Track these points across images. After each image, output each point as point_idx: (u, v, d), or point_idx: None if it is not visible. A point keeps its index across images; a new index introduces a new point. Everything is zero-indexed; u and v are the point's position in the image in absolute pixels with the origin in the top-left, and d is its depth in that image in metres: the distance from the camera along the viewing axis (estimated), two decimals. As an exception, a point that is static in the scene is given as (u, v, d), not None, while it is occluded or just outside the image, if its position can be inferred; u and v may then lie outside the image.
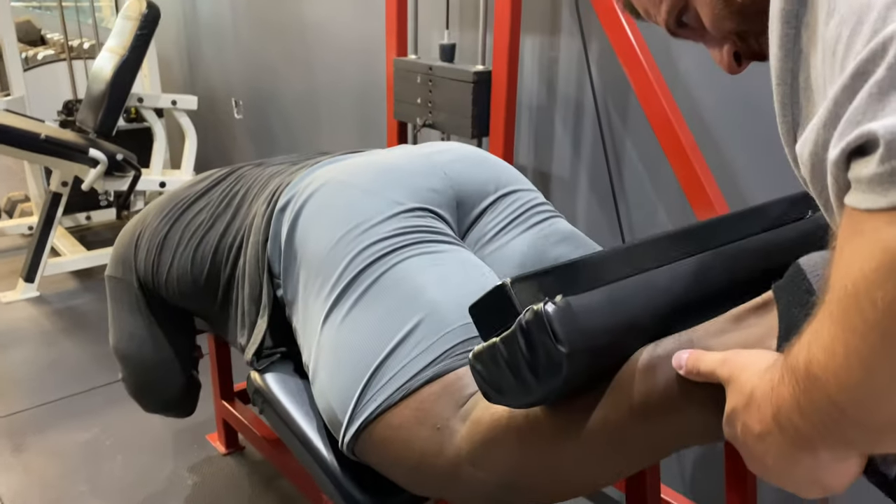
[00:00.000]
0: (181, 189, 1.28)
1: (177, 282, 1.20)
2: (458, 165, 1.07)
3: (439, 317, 0.86)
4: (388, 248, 0.91)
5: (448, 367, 0.84)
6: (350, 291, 0.90)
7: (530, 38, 1.83)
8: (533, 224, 1.07)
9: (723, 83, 1.45)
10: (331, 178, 1.01)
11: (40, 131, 2.56)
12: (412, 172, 1.02)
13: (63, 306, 2.79)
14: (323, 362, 0.91)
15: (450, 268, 0.92)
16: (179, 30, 3.78)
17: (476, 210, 1.06)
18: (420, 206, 0.98)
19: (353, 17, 2.48)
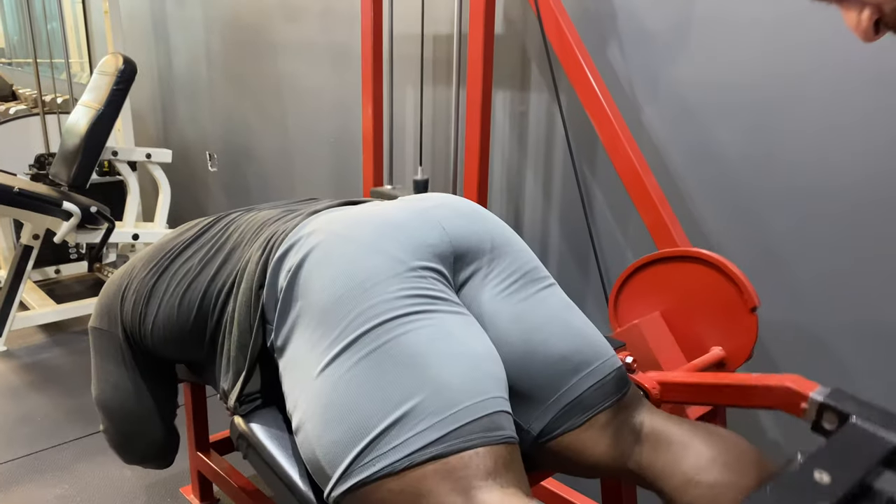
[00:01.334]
0: (168, 239, 1.29)
1: (163, 329, 1.20)
2: (455, 220, 1.08)
3: (447, 395, 0.86)
4: (394, 312, 0.91)
5: (453, 449, 0.84)
6: (352, 350, 0.89)
7: (501, 92, 1.91)
8: (527, 296, 1.07)
9: (684, 133, 1.54)
10: (332, 230, 1.01)
11: (13, 184, 2.56)
12: (411, 227, 1.02)
13: (31, 360, 2.74)
14: (312, 413, 0.91)
15: (458, 342, 0.92)
16: (154, 84, 3.82)
17: (472, 266, 1.07)
18: (421, 264, 0.98)
19: (327, 73, 2.55)
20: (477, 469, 0.85)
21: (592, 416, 1.02)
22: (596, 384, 1.03)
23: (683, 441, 0.99)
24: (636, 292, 1.44)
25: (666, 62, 1.53)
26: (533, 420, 1.04)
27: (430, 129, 2.16)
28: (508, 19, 1.85)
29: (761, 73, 1.39)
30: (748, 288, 1.28)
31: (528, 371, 1.03)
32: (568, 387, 1.03)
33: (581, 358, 1.04)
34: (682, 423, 1.03)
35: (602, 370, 1.05)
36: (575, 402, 1.03)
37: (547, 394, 1.03)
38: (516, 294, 1.07)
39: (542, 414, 1.03)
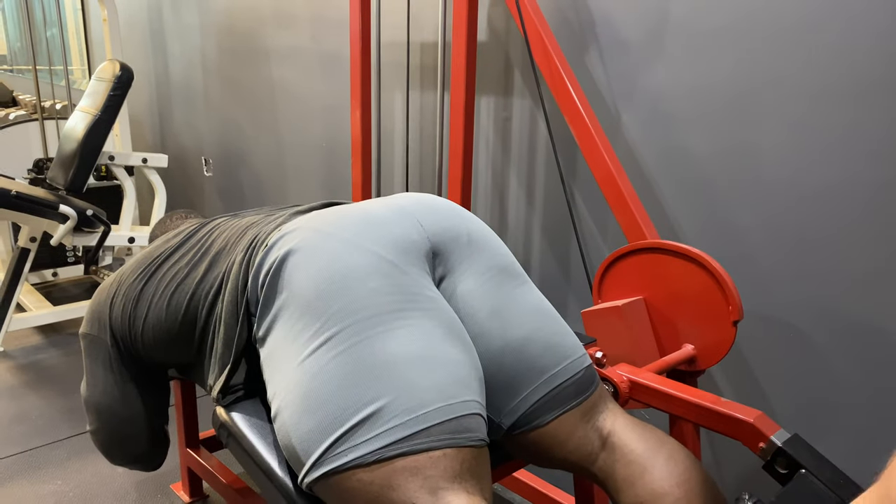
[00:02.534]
0: (156, 246, 1.33)
1: (152, 331, 1.24)
2: (432, 217, 1.12)
3: (419, 396, 0.90)
4: (374, 309, 0.95)
5: (421, 447, 0.88)
6: (332, 343, 0.93)
7: (485, 98, 1.95)
8: (504, 291, 1.10)
9: (658, 137, 1.58)
10: (314, 227, 1.04)
11: (11, 188, 2.61)
12: (390, 224, 1.06)
13: (27, 361, 2.79)
14: (290, 401, 0.94)
15: (434, 345, 0.95)
16: (151, 90, 3.88)
17: (450, 261, 1.10)
18: (401, 259, 1.02)
19: (318, 79, 2.61)
20: (444, 470, 0.89)
21: (560, 414, 1.06)
22: (565, 382, 1.07)
23: (642, 463, 1.02)
24: (625, 273, 1.48)
25: (642, 69, 1.58)
26: (504, 415, 1.08)
27: (416, 133, 2.21)
28: (492, 28, 1.90)
29: (732, 78, 1.44)
30: (736, 301, 1.31)
31: (502, 366, 1.07)
32: (538, 384, 1.07)
33: (552, 356, 1.08)
34: (646, 436, 1.06)
35: (571, 369, 1.09)
36: (544, 400, 1.07)
37: (518, 390, 1.07)
38: (494, 289, 1.11)
39: (513, 409, 1.07)
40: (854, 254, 1.34)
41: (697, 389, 1.21)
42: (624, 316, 1.41)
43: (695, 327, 1.39)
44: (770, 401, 1.51)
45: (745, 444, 1.11)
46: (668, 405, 1.20)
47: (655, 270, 1.43)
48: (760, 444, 1.08)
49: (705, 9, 1.45)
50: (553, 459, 1.10)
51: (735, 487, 1.59)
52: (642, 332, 1.43)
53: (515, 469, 1.32)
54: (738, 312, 1.32)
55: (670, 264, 1.40)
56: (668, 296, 1.42)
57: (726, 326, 1.34)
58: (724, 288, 1.32)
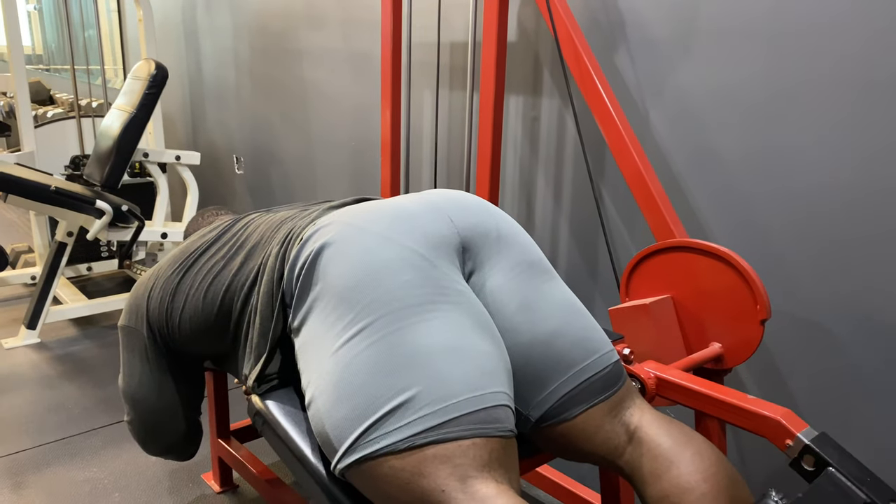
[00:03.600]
0: (191, 241, 1.38)
1: (189, 323, 1.28)
2: (463, 213, 1.14)
3: (448, 387, 0.93)
4: (407, 301, 0.98)
5: (451, 436, 0.91)
6: (365, 333, 0.96)
7: (514, 98, 1.97)
8: (533, 285, 1.12)
9: (687, 136, 1.59)
10: (349, 222, 1.07)
11: (51, 183, 2.68)
12: (422, 219, 1.09)
13: (63, 352, 2.86)
14: (324, 389, 0.97)
15: (464, 337, 0.98)
16: (185, 89, 3.95)
17: (480, 256, 1.12)
18: (433, 253, 1.04)
19: (348, 79, 2.64)
20: (473, 459, 0.91)
21: (587, 408, 1.08)
22: (593, 377, 1.09)
23: (670, 457, 1.03)
24: (653, 272, 1.49)
25: (671, 68, 1.59)
26: (532, 407, 1.10)
27: (445, 133, 2.23)
28: (522, 27, 1.91)
29: (763, 78, 1.45)
30: (763, 300, 1.32)
31: (531, 360, 1.09)
32: (566, 377, 1.08)
33: (581, 351, 1.10)
34: (673, 432, 1.07)
35: (599, 364, 1.10)
36: (572, 393, 1.08)
37: (546, 383, 1.09)
38: (522, 283, 1.12)
39: (541, 402, 1.09)
40: (885, 256, 1.33)
41: (724, 387, 1.22)
42: (651, 314, 1.42)
43: (722, 326, 1.40)
44: (797, 399, 1.51)
45: (771, 442, 1.11)
46: (695, 402, 1.21)
47: (683, 269, 1.44)
48: (787, 442, 1.09)
49: (736, 7, 1.46)
50: (580, 453, 1.12)
51: (761, 485, 1.59)
52: (669, 331, 1.44)
53: (541, 464, 1.34)
54: (766, 311, 1.32)
55: (698, 263, 1.41)
56: (695, 294, 1.43)
57: (754, 325, 1.34)
58: (752, 286, 1.33)
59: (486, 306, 1.10)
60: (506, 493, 0.90)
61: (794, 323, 1.48)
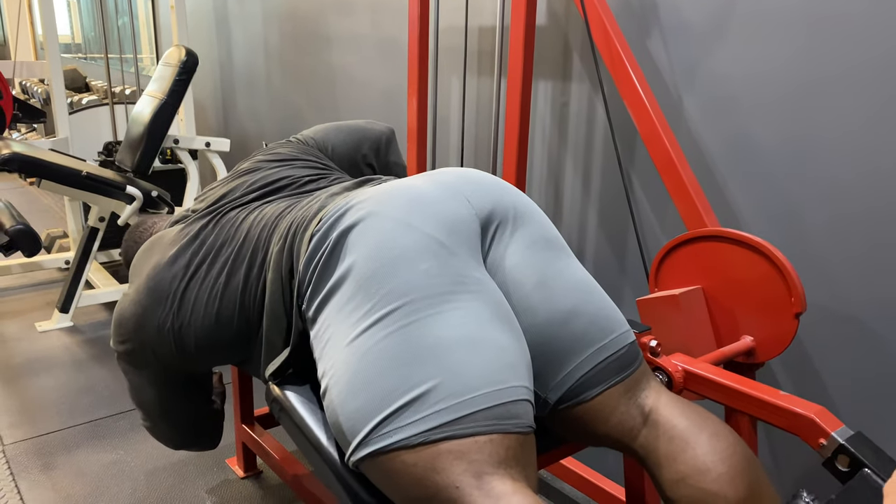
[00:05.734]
0: (167, 261, 1.26)
1: (204, 342, 1.23)
2: (479, 192, 1.11)
3: (466, 381, 0.90)
4: (425, 291, 0.95)
5: (467, 432, 0.88)
6: (382, 324, 0.93)
7: (543, 83, 1.93)
8: (549, 262, 1.09)
9: (721, 123, 1.54)
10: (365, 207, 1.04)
11: (82, 169, 2.71)
12: (440, 203, 1.06)
13: (95, 336, 2.90)
14: (338, 379, 0.95)
15: (482, 329, 0.95)
16: (216, 76, 3.97)
17: (496, 233, 1.10)
18: (451, 240, 1.01)
19: (376, 65, 2.62)
20: (489, 455, 0.88)
21: (604, 389, 1.05)
22: (609, 357, 1.06)
23: (686, 438, 1.00)
24: (683, 262, 1.44)
25: (705, 53, 1.53)
26: (549, 390, 1.07)
27: (472, 118, 2.20)
28: (551, 11, 1.87)
29: (800, 65, 1.39)
30: (799, 292, 1.27)
31: (548, 339, 1.05)
32: (584, 358, 1.05)
33: (598, 330, 1.06)
34: (689, 413, 1.04)
35: (616, 344, 1.07)
36: (590, 374, 1.05)
37: (564, 363, 1.06)
38: (540, 261, 1.09)
39: (560, 383, 1.06)
40: (929, 246, 1.27)
41: (755, 381, 1.17)
42: (681, 305, 1.37)
43: (754, 318, 1.35)
44: (832, 397, 1.45)
45: (804, 440, 1.07)
46: (724, 397, 1.17)
47: (715, 259, 1.39)
48: (821, 441, 1.04)
49: (775, -11, 1.40)
50: (595, 435, 1.09)
51: (793, 485, 1.54)
52: (699, 322, 1.39)
53: (563, 456, 1.31)
54: (801, 304, 1.27)
55: (730, 253, 1.36)
56: (727, 285, 1.38)
57: (788, 318, 1.29)
58: (787, 278, 1.28)
59: (503, 284, 1.07)
60: (522, 490, 0.87)
61: (831, 318, 1.43)
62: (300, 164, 1.44)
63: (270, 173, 1.39)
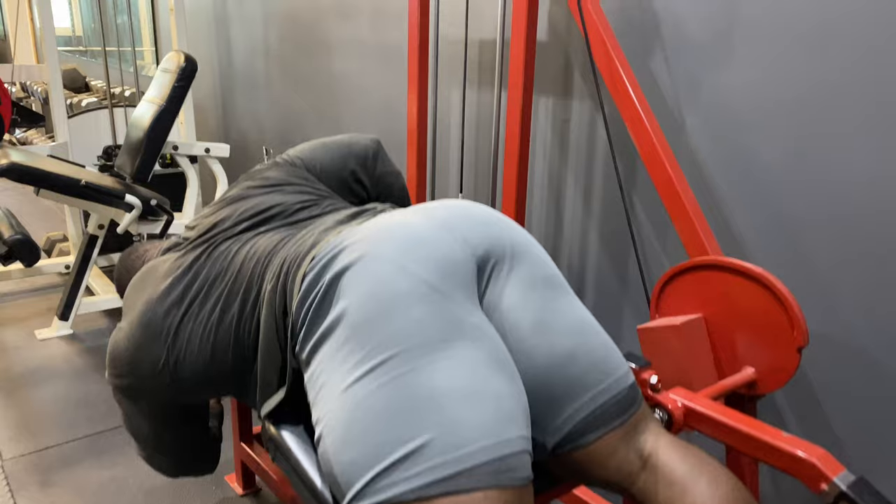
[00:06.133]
0: (158, 296, 1.24)
1: (201, 377, 1.22)
2: (476, 229, 1.09)
3: (462, 434, 0.88)
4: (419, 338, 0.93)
5: (463, 487, 0.86)
6: (376, 373, 0.91)
7: (544, 99, 1.90)
8: (547, 302, 1.07)
9: (725, 144, 1.51)
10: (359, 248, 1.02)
11: (81, 177, 2.69)
12: (436, 243, 1.03)
13: (94, 345, 2.89)
14: (332, 428, 0.94)
15: (479, 380, 0.93)
16: (215, 76, 3.95)
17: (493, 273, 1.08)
18: (447, 284, 0.99)
19: (377, 72, 2.59)
20: None
21: (603, 434, 1.03)
22: (608, 401, 1.04)
23: (685, 483, 0.99)
24: (684, 290, 1.42)
25: (708, 72, 1.51)
26: (547, 434, 1.05)
27: (472, 131, 2.17)
28: (552, 26, 1.84)
29: (805, 86, 1.36)
30: (801, 326, 1.25)
31: (546, 383, 1.04)
32: (582, 402, 1.03)
33: (597, 374, 1.05)
34: (688, 457, 1.03)
35: (615, 387, 1.05)
36: (588, 419, 1.03)
37: (562, 408, 1.04)
38: (537, 300, 1.07)
39: (557, 428, 1.04)
40: (935, 279, 1.25)
41: (757, 421, 1.15)
42: (681, 335, 1.36)
43: (756, 350, 1.33)
44: (836, 431, 1.43)
45: (805, 484, 1.05)
46: (725, 436, 1.15)
47: (716, 288, 1.37)
48: (822, 486, 1.02)
49: (778, 11, 1.37)
50: (593, 479, 1.07)
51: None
52: (700, 353, 1.38)
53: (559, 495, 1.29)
54: (804, 338, 1.25)
55: (731, 283, 1.34)
56: (728, 315, 1.36)
57: (790, 352, 1.27)
58: (789, 311, 1.26)
59: (500, 326, 1.05)
60: None
61: (837, 349, 1.41)
62: (290, 190, 1.41)
63: (261, 200, 1.37)
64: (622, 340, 1.82)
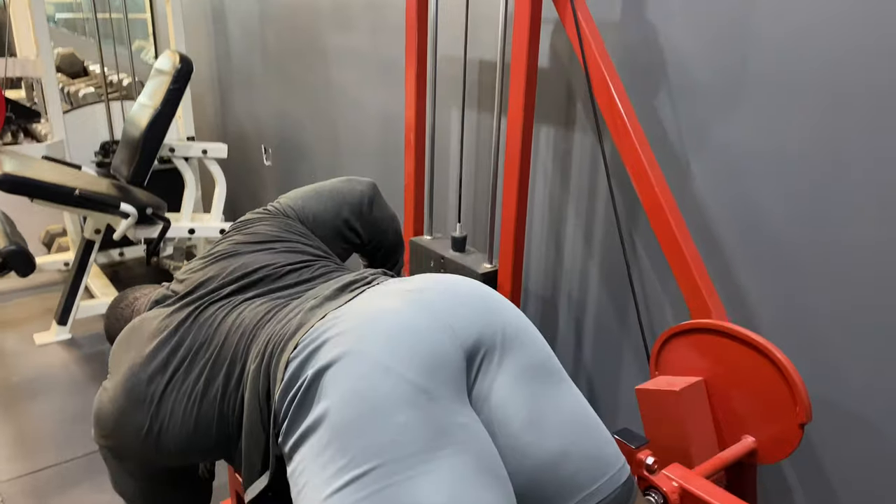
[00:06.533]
0: (141, 361, 1.21)
1: (184, 447, 1.19)
2: (465, 317, 1.05)
3: None
4: (404, 450, 0.90)
5: None
6: (358, 484, 0.88)
7: (545, 127, 1.84)
8: (538, 395, 1.03)
9: (729, 194, 1.45)
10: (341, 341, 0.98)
11: (75, 185, 2.65)
12: (421, 336, 0.99)
13: (92, 351, 2.88)
14: None
15: (465, 489, 0.90)
16: (213, 71, 3.86)
17: (482, 364, 1.03)
18: (433, 385, 0.95)
19: (376, 85, 2.51)
20: None
21: None
22: (601, 502, 1.01)
23: None
24: (685, 349, 1.38)
25: (716, 118, 1.44)
26: None
27: (472, 154, 2.11)
28: (555, 53, 1.76)
29: (814, 141, 1.29)
30: (804, 402, 1.20)
31: (537, 484, 1.00)
32: None
33: (589, 473, 1.01)
34: None
35: (608, 487, 1.01)
36: None
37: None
38: (528, 394, 1.03)
39: None
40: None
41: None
42: (682, 402, 1.31)
43: (758, 420, 1.29)
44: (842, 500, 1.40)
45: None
46: (722, 522, 1.12)
47: (718, 353, 1.32)
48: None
49: (790, 61, 1.30)
50: None
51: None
52: (700, 419, 1.34)
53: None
54: (807, 414, 1.21)
55: (734, 350, 1.29)
56: (730, 382, 1.32)
57: (792, 427, 1.23)
58: (792, 387, 1.21)
59: (489, 422, 1.01)
60: None
61: (841, 416, 1.36)
62: (280, 248, 1.37)
63: (250, 260, 1.33)
64: (620, 375, 1.78)
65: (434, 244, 1.98)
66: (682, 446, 1.32)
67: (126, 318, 1.47)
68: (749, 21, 1.33)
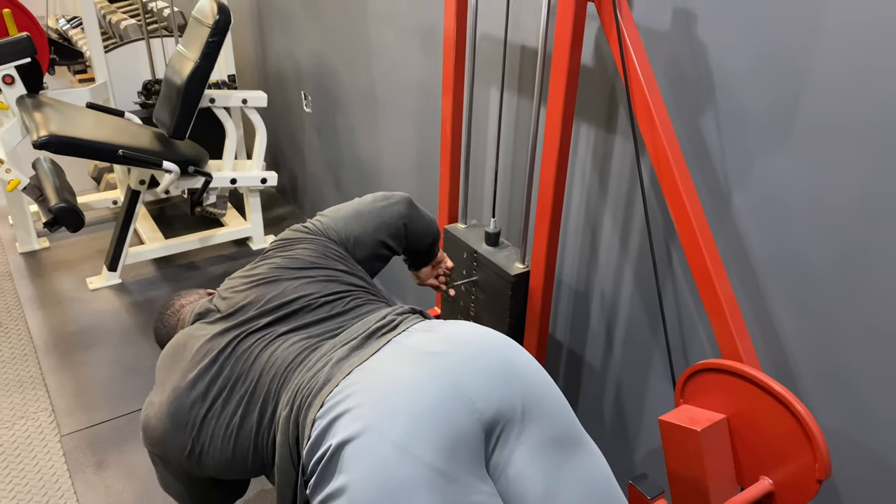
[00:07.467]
0: (183, 389, 1.27)
1: (223, 468, 1.27)
2: (485, 388, 1.07)
3: None
4: None
5: None
6: None
7: (585, 126, 1.78)
8: (557, 467, 1.06)
9: (771, 232, 1.40)
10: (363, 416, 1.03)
11: (119, 141, 2.68)
12: (440, 411, 1.03)
13: (142, 297, 3.00)
14: None
15: None
16: (254, 10, 3.77)
17: (501, 436, 1.07)
18: (451, 462, 0.99)
19: (414, 50, 2.43)
20: None
21: None
22: None
23: None
24: (711, 385, 1.39)
25: (763, 150, 1.37)
26: None
27: (509, 144, 2.06)
28: (599, 51, 1.68)
29: (865, 190, 1.23)
30: (823, 458, 1.21)
31: None
32: None
33: None
34: None
35: None
36: None
37: None
38: (546, 467, 1.06)
39: None
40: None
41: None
42: (703, 442, 1.33)
43: (777, 465, 1.30)
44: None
45: None
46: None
47: (742, 396, 1.33)
48: None
49: (844, 104, 1.22)
50: None
51: None
52: (720, 458, 1.36)
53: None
54: (825, 472, 1.22)
55: (759, 398, 1.29)
56: (752, 426, 1.33)
57: (810, 481, 1.25)
58: (813, 443, 1.22)
59: (505, 494, 1.06)
60: None
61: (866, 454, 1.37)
62: (318, 276, 1.40)
63: (288, 289, 1.37)
64: (649, 379, 1.80)
65: (468, 235, 1.98)
66: (700, 481, 1.35)
67: (172, 326, 1.55)
68: (809, 55, 1.25)
